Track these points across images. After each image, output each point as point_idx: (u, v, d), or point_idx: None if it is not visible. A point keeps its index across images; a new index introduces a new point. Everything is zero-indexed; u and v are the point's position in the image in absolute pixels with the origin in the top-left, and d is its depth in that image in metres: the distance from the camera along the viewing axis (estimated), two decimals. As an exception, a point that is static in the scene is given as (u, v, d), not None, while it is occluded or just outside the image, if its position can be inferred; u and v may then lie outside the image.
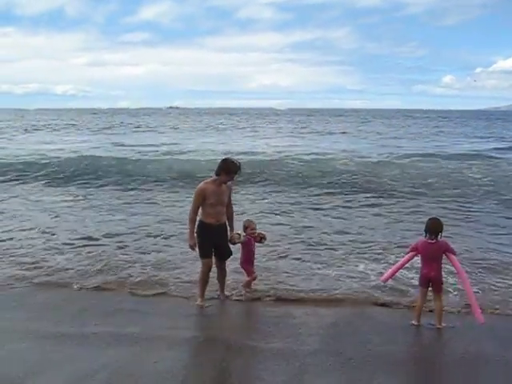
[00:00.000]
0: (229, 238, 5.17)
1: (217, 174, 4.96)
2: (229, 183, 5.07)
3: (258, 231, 5.44)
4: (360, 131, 37.66)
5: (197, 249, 5.03)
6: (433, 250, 4.38)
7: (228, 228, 5.18)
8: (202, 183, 5.01)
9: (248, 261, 5.39)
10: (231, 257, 5.30)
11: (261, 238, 5.43)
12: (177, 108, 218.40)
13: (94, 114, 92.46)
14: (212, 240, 5.07)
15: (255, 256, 5.49)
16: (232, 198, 5.20)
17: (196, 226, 5.02)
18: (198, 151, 19.03)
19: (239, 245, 5.36)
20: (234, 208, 5.28)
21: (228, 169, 4.92)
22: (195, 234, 5.01)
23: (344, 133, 34.86)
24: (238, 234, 5.25)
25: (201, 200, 4.96)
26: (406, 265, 4.55)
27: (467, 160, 17.00)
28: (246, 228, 5.42)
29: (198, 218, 5.01)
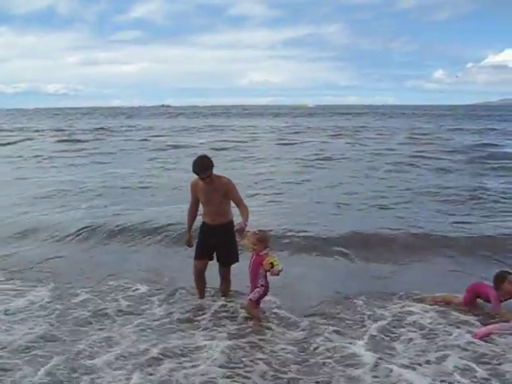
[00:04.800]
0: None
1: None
2: (224, 180, 4.82)
3: (271, 258, 4.51)
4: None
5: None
6: None
7: (236, 227, 4.68)
8: (194, 178, 4.89)
9: (252, 277, 4.69)
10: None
11: (274, 270, 4.50)
12: (168, 106, 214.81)
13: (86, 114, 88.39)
14: (207, 241, 4.92)
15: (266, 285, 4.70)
16: (237, 196, 4.82)
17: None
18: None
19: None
20: None
21: (193, 170, 4.74)
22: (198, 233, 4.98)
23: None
24: (248, 230, 4.62)
25: (194, 196, 4.99)
26: None
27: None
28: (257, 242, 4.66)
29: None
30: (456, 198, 10.20)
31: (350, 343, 4.11)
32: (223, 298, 5.10)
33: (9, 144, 26.11)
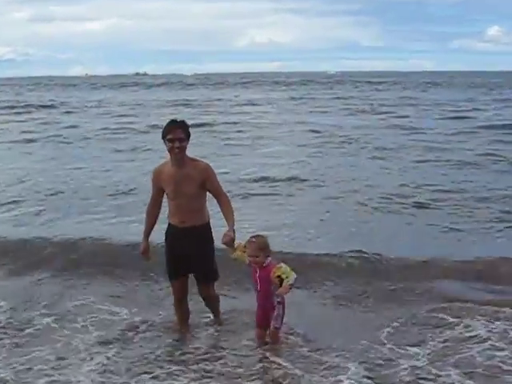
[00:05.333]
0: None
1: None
2: (202, 164, 4.78)
3: (277, 269, 4.48)
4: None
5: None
6: None
7: (224, 239, 4.66)
8: (158, 165, 4.95)
9: (261, 297, 4.71)
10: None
11: (285, 287, 4.46)
12: (145, 75, 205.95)
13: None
14: (178, 250, 4.86)
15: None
16: (216, 185, 4.83)
17: None
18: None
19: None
20: None
21: (164, 132, 4.74)
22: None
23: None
24: (237, 242, 4.65)
25: (156, 186, 4.92)
26: None
27: None
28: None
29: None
30: None
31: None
32: (216, 324, 5.21)
33: None
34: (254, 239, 4.63)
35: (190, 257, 4.83)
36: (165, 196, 4.97)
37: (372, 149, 16.71)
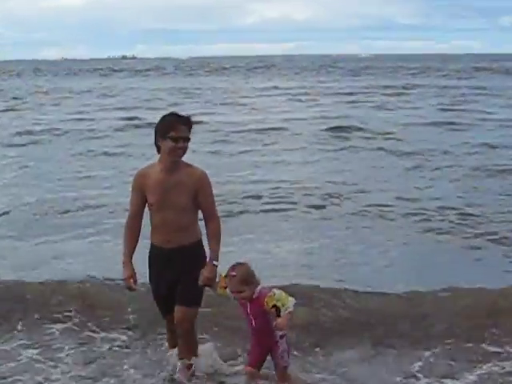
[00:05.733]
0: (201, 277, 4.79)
1: (158, 151, 4.77)
2: (198, 172, 4.74)
3: (270, 298, 4.58)
4: None
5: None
6: None
7: (202, 281, 4.80)
8: (141, 169, 4.94)
9: (258, 334, 4.78)
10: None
11: (285, 318, 4.52)
12: (133, 58, 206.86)
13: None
14: (162, 276, 4.83)
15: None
16: (210, 201, 4.83)
17: None
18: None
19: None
20: None
21: (165, 128, 4.67)
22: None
23: None
24: (219, 274, 4.75)
25: (139, 195, 4.82)
26: None
27: None
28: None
29: None
30: None
31: None
32: (180, 361, 5.04)
33: None
34: (233, 272, 4.58)
35: (177, 282, 4.85)
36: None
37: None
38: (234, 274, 4.54)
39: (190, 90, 43.13)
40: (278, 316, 4.42)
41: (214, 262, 4.63)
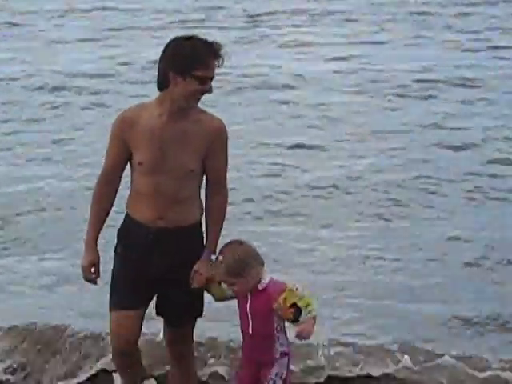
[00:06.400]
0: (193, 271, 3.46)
1: (160, 87, 3.28)
2: (216, 123, 3.35)
3: (289, 293, 3.26)
4: None
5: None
6: None
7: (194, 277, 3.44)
8: (126, 110, 3.46)
9: (247, 350, 3.47)
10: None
11: (309, 323, 3.22)
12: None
13: None
14: (143, 268, 3.35)
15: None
16: (224, 166, 3.46)
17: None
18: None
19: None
20: None
21: (188, 62, 3.20)
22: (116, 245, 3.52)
23: None
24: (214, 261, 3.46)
25: (120, 148, 3.36)
26: None
27: None
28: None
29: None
30: None
31: None
32: None
33: None
34: (220, 256, 3.33)
35: (166, 281, 3.47)
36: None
37: None
38: (220, 259, 3.36)
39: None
40: (295, 320, 3.23)
41: (212, 256, 3.43)
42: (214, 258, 3.37)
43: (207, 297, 3.52)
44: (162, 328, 3.67)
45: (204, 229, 3.49)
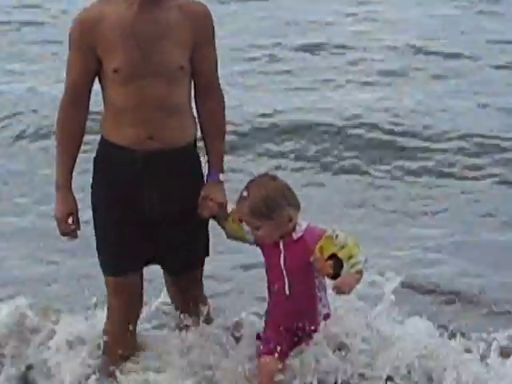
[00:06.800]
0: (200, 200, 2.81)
1: None
2: (200, 6, 2.75)
3: (327, 240, 2.69)
4: None
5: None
6: None
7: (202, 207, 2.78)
8: (86, 8, 2.78)
9: (281, 312, 2.81)
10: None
11: (338, 263, 2.63)
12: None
13: None
14: (129, 208, 2.72)
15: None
16: (214, 61, 2.81)
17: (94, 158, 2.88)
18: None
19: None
20: None
21: None
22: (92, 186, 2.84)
23: None
24: (231, 205, 2.84)
25: (83, 60, 2.67)
26: None
27: None
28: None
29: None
30: None
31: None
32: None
33: None
34: (245, 193, 2.73)
35: (164, 220, 2.80)
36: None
37: None
38: (245, 194, 2.75)
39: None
40: (336, 275, 2.65)
41: (220, 176, 2.80)
42: (222, 177, 2.80)
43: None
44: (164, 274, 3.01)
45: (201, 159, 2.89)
